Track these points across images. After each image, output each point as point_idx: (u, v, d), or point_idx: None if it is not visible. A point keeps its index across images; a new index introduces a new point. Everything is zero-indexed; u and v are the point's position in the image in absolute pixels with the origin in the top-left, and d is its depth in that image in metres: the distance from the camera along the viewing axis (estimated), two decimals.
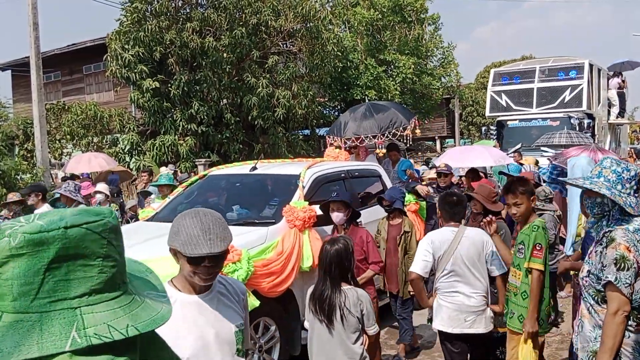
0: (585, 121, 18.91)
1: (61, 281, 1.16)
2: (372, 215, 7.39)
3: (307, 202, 6.50)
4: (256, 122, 18.30)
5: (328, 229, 6.46)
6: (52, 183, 16.29)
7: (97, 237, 1.19)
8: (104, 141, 19.54)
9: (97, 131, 19.49)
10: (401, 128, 10.93)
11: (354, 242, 5.11)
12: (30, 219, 1.19)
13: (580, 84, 19.69)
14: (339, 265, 4.07)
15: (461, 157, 11.42)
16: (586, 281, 3.50)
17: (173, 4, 17.85)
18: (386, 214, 6.82)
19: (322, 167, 7.67)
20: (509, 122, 20.70)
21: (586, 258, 3.63)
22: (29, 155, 20.34)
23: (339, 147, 10.73)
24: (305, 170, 7.20)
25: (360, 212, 6.41)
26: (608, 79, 23.07)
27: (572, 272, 6.26)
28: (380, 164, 11.06)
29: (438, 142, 43.87)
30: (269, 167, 8.20)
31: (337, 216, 5.95)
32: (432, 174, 11.23)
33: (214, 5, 18.10)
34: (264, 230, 6.21)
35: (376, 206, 7.32)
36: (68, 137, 19.94)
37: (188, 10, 18.47)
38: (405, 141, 11.52)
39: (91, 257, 1.18)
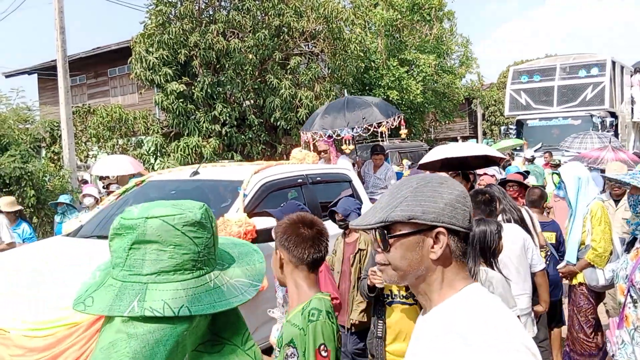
0: (608, 120, 18.66)
1: (138, 260, 1.44)
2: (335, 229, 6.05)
3: (247, 214, 5.62)
4: (279, 123, 18.42)
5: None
6: (79, 184, 16.55)
7: (171, 228, 1.45)
8: (129, 143, 19.76)
9: (122, 133, 19.72)
10: (375, 124, 9.89)
11: None
12: (137, 206, 1.52)
13: (602, 82, 19.37)
14: (479, 244, 4.06)
15: (442, 151, 10.97)
16: None
17: (197, 7, 18.04)
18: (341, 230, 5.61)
19: (274, 172, 6.75)
20: (528, 121, 20.44)
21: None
22: (55, 157, 20.66)
23: (308, 143, 10.05)
24: (251, 176, 6.29)
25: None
26: (631, 76, 22.78)
27: (565, 281, 6.18)
28: (361, 167, 10.47)
29: (460, 142, 43.67)
30: (213, 171, 7.28)
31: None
32: None
33: (237, 7, 18.27)
34: None
35: None
36: (93, 139, 20.20)
37: (211, 13, 18.67)
38: (382, 138, 10.41)
39: (164, 244, 1.44)
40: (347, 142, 9.91)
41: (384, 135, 10.24)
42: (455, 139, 43.72)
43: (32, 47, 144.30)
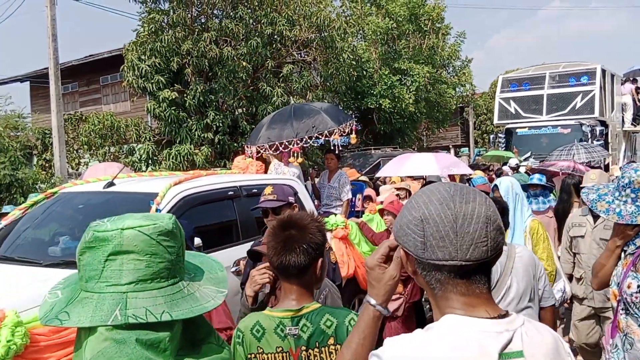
0: (598, 128, 18.53)
1: (116, 270, 1.48)
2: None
3: None
4: None
5: None
6: None
7: (147, 238, 1.50)
8: (121, 151, 19.72)
9: (114, 141, 19.67)
10: (326, 132, 9.23)
11: None
12: (107, 220, 1.53)
13: (592, 90, 19.25)
14: None
15: (403, 165, 10.24)
16: (636, 297, 3.19)
17: (189, 15, 18.04)
18: None
19: (198, 183, 5.98)
20: (518, 130, 20.23)
21: (629, 272, 3.32)
22: (47, 165, 20.62)
23: (251, 157, 9.36)
24: (168, 188, 5.49)
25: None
26: (622, 84, 22.73)
27: None
28: (315, 177, 10.15)
29: (452, 151, 43.75)
30: (130, 182, 6.41)
31: None
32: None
33: (229, 15, 18.29)
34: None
35: None
36: (85, 147, 20.16)
37: (204, 21, 18.68)
38: (332, 146, 9.68)
39: (140, 254, 1.49)
40: (295, 154, 9.35)
41: (337, 143, 9.59)
42: (447, 148, 43.91)
43: (24, 54, 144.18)
